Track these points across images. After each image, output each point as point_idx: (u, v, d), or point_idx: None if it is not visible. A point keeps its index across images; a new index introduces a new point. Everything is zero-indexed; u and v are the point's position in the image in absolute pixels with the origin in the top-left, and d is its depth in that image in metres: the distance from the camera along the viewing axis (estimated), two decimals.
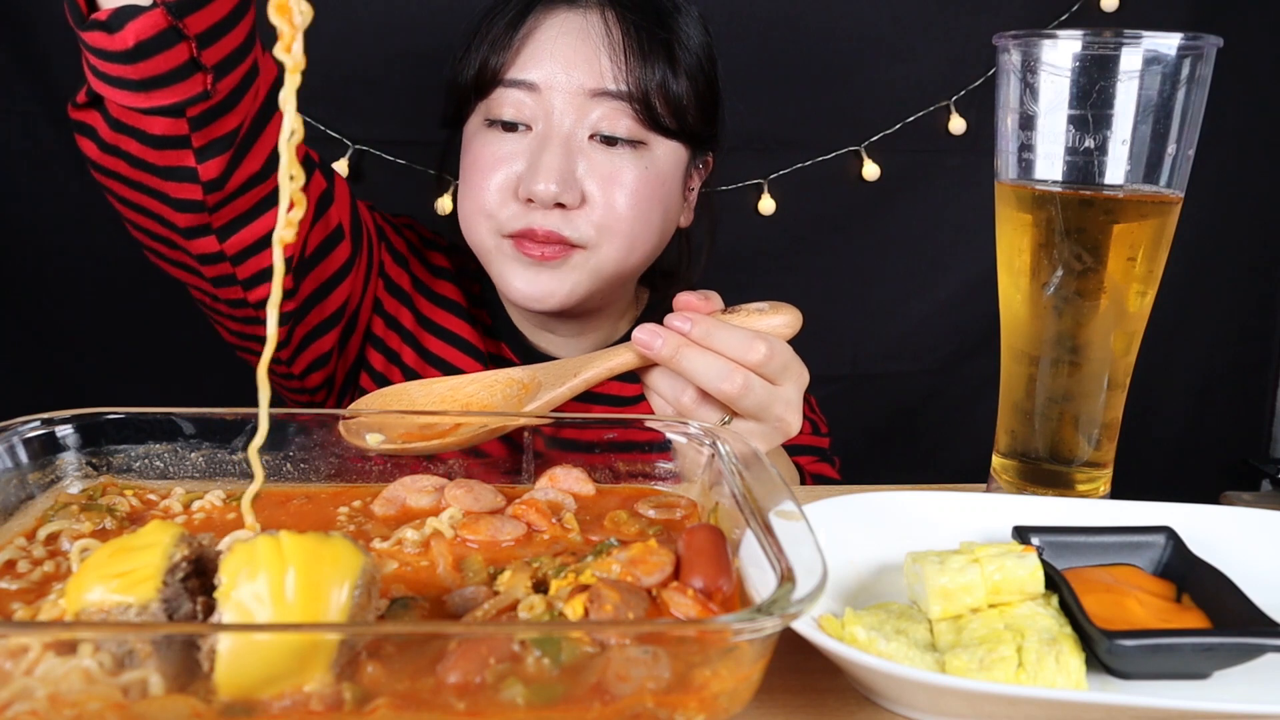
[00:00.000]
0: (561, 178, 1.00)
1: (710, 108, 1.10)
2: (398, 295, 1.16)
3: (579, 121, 1.02)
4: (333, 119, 1.65)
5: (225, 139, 0.87)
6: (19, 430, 0.67)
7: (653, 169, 1.05)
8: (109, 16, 0.78)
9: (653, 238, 1.09)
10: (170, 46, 0.79)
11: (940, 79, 1.75)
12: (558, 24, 1.03)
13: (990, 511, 0.71)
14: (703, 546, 0.59)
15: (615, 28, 1.02)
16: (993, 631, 0.58)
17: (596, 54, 1.02)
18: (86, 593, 0.48)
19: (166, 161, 0.86)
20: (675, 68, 1.04)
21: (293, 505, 0.70)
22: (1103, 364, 0.78)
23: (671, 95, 1.04)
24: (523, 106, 1.02)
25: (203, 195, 0.89)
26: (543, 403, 0.81)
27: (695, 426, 0.73)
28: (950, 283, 1.85)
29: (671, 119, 1.05)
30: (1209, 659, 0.57)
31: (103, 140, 0.86)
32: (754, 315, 0.83)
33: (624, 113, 1.02)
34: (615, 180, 1.03)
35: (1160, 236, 0.76)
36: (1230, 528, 0.70)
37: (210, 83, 0.82)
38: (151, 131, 0.84)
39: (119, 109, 0.83)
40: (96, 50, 0.80)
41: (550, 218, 1.02)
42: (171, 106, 0.82)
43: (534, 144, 1.02)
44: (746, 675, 0.49)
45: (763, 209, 1.76)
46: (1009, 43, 0.76)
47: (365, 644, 0.47)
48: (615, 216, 1.03)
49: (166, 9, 0.78)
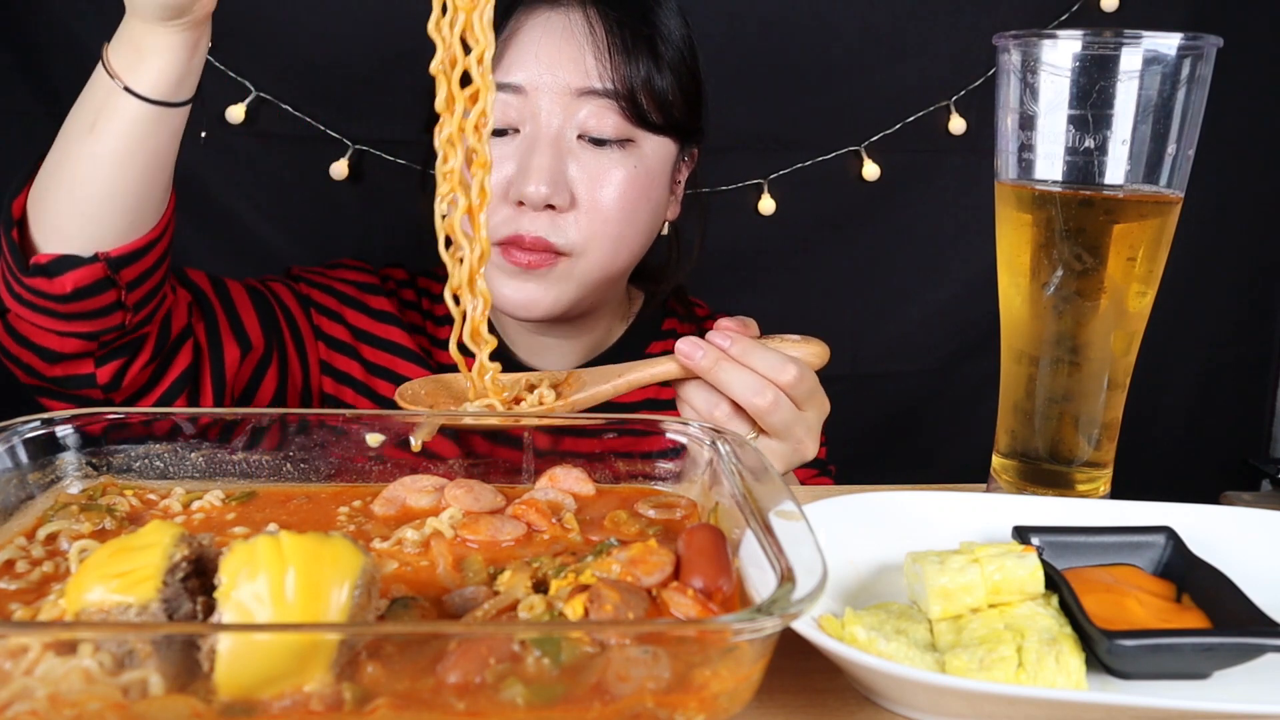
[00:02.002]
0: (552, 179, 1.00)
1: (695, 100, 1.10)
2: (341, 349, 1.14)
3: (567, 121, 1.02)
4: (333, 119, 1.65)
5: (126, 348, 0.93)
6: (19, 430, 0.67)
7: (641, 167, 1.05)
8: (49, 263, 0.85)
9: (639, 238, 1.09)
10: (102, 291, 0.87)
11: (940, 79, 1.75)
12: (540, 24, 1.03)
13: (990, 511, 0.71)
14: (703, 546, 0.59)
15: (598, 25, 1.02)
16: (993, 631, 0.58)
17: (581, 53, 1.01)
18: (86, 593, 0.48)
19: (65, 371, 0.92)
20: (659, 63, 1.04)
21: (293, 505, 0.70)
22: (1103, 364, 0.78)
23: (657, 90, 1.04)
24: (508, 109, 1.02)
25: (98, 386, 0.94)
26: (587, 395, 0.85)
27: (695, 426, 0.73)
28: (950, 283, 1.85)
29: (658, 114, 1.05)
30: (1209, 659, 0.57)
31: (1, 345, 0.91)
32: (787, 343, 0.89)
33: (611, 110, 1.02)
34: (604, 181, 1.03)
35: (1160, 236, 0.76)
36: (1230, 528, 0.70)
37: (129, 317, 0.89)
38: (58, 349, 0.90)
39: (29, 326, 0.88)
40: (33, 290, 0.86)
41: (539, 222, 1.02)
42: (87, 333, 0.89)
43: (523, 146, 1.02)
44: (746, 675, 0.49)
45: (763, 209, 1.76)
46: (1009, 43, 0.76)
47: (365, 644, 0.47)
48: (603, 219, 1.03)
49: (107, 264, 0.85)
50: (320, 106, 1.64)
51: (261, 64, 1.63)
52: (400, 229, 1.16)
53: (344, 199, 1.69)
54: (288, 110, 1.64)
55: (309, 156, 1.66)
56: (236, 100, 1.63)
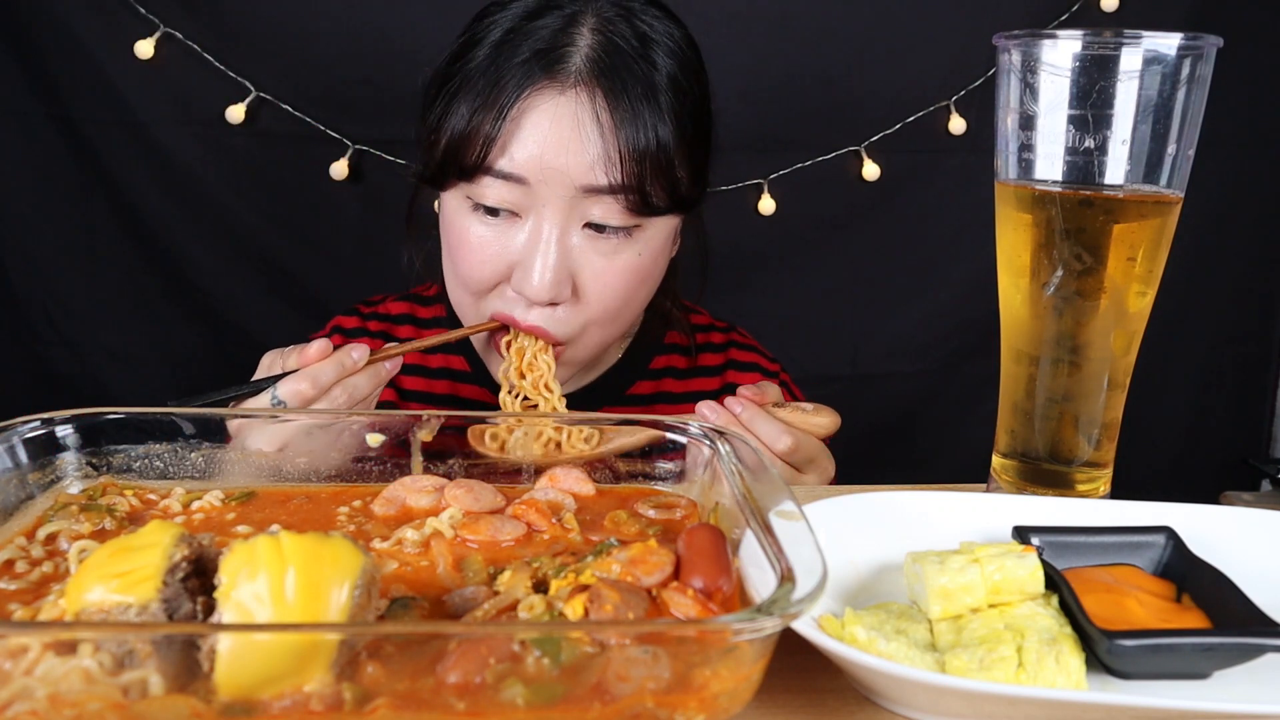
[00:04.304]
0: (556, 280, 0.97)
1: (702, 159, 1.05)
2: None
3: (570, 215, 0.97)
4: (333, 119, 1.65)
5: None
6: (19, 430, 0.67)
7: (646, 251, 1.02)
8: None
9: (638, 309, 1.08)
10: None
11: (940, 79, 1.75)
12: (548, 111, 0.96)
13: (990, 511, 0.71)
14: (703, 546, 0.59)
15: (604, 111, 0.96)
16: (993, 631, 0.58)
17: (587, 145, 0.95)
18: (86, 593, 0.48)
19: None
20: (670, 142, 0.98)
21: (293, 505, 0.70)
22: (1103, 364, 0.78)
23: (665, 174, 0.98)
24: (511, 197, 0.97)
25: None
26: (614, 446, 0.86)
27: (695, 426, 0.73)
28: (950, 283, 1.85)
29: (666, 200, 1.00)
30: (1209, 659, 0.57)
31: None
32: (797, 412, 0.96)
33: (618, 204, 0.97)
34: (608, 274, 1.00)
35: (1160, 236, 0.76)
36: (1230, 528, 0.70)
37: None
38: None
39: None
40: None
41: (539, 314, 1.00)
42: None
43: (526, 238, 0.98)
44: (746, 675, 0.49)
45: (763, 209, 1.76)
46: (1009, 43, 0.76)
47: (365, 644, 0.47)
48: (603, 309, 1.01)
49: None
50: (320, 106, 1.65)
51: (261, 64, 1.63)
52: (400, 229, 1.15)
53: (344, 199, 1.70)
54: (288, 110, 1.64)
55: (309, 156, 1.67)
56: (236, 100, 1.63)
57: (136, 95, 1.62)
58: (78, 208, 1.68)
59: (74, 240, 1.69)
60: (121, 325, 1.73)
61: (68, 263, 1.70)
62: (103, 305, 1.72)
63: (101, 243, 1.69)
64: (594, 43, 0.98)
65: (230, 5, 1.61)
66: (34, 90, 1.62)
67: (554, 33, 0.98)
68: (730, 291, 1.69)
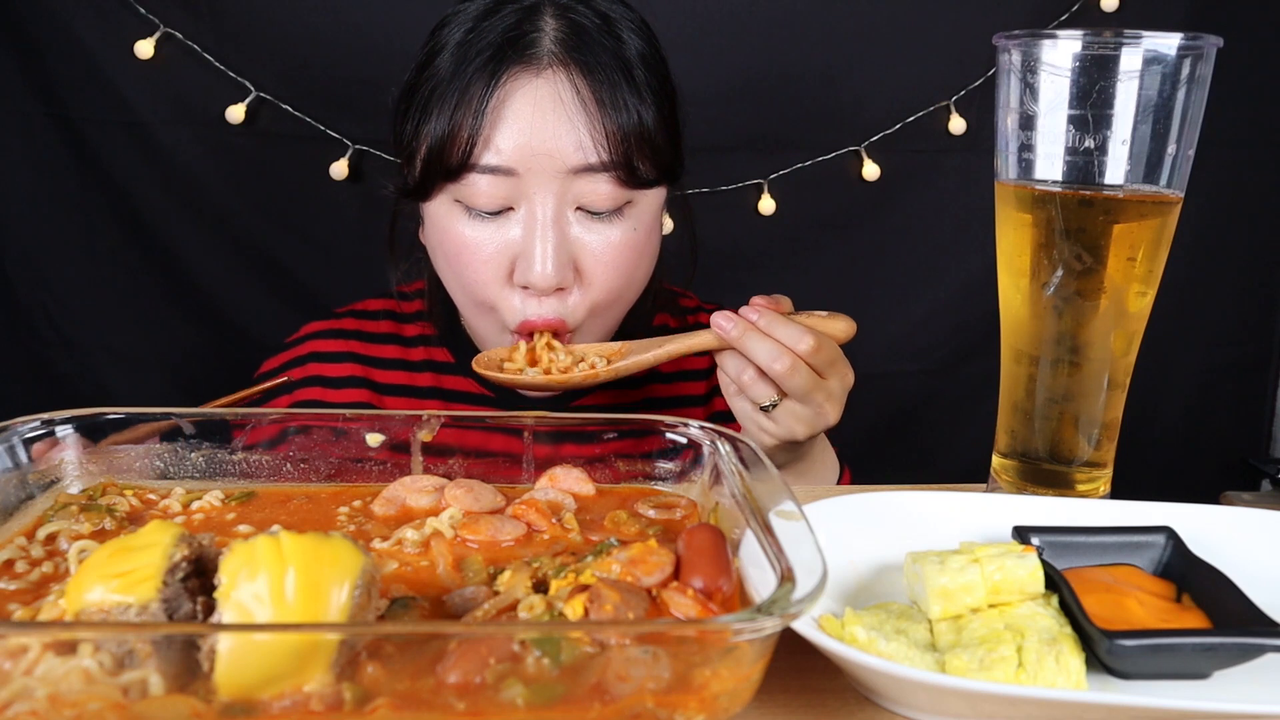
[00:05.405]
0: (558, 265, 0.97)
1: (674, 127, 1.05)
2: None
3: (562, 198, 0.97)
4: (333, 119, 1.65)
5: None
6: (19, 430, 0.67)
7: (640, 226, 1.02)
8: None
9: (638, 286, 1.08)
10: None
11: (940, 79, 1.75)
12: (528, 97, 0.95)
13: (990, 511, 0.71)
14: (703, 546, 0.59)
15: (584, 89, 0.96)
16: (993, 631, 0.58)
17: (572, 126, 0.96)
18: (86, 593, 0.48)
19: None
20: (647, 111, 0.99)
21: (293, 505, 0.70)
22: (1103, 364, 0.78)
23: (648, 144, 0.99)
24: (500, 190, 0.97)
25: None
26: (631, 362, 0.97)
27: (695, 426, 0.73)
28: (950, 283, 1.85)
29: (653, 170, 1.00)
30: (1209, 659, 0.57)
31: None
32: (814, 318, 0.97)
33: (607, 180, 0.97)
34: (606, 252, 1.00)
35: (1160, 236, 0.76)
36: (1230, 528, 0.70)
37: None
38: None
39: None
40: None
41: (548, 304, 0.99)
42: None
43: (521, 230, 0.98)
44: (746, 675, 0.49)
45: (763, 209, 1.76)
46: (1009, 43, 0.76)
47: (365, 644, 0.47)
48: (606, 289, 1.01)
49: None
50: (320, 106, 1.64)
51: (261, 64, 1.63)
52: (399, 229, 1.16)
53: (344, 199, 1.70)
54: (288, 110, 1.64)
55: (309, 156, 1.66)
56: (236, 100, 1.63)
57: (136, 95, 1.62)
58: (78, 208, 1.68)
59: (74, 240, 1.69)
60: (121, 325, 1.73)
61: (68, 263, 1.69)
62: (103, 305, 1.72)
63: (101, 243, 1.69)
64: (559, 25, 0.98)
65: (230, 5, 1.61)
66: (34, 90, 1.61)
67: (516, 22, 0.98)
68: (730, 291, 1.68)
